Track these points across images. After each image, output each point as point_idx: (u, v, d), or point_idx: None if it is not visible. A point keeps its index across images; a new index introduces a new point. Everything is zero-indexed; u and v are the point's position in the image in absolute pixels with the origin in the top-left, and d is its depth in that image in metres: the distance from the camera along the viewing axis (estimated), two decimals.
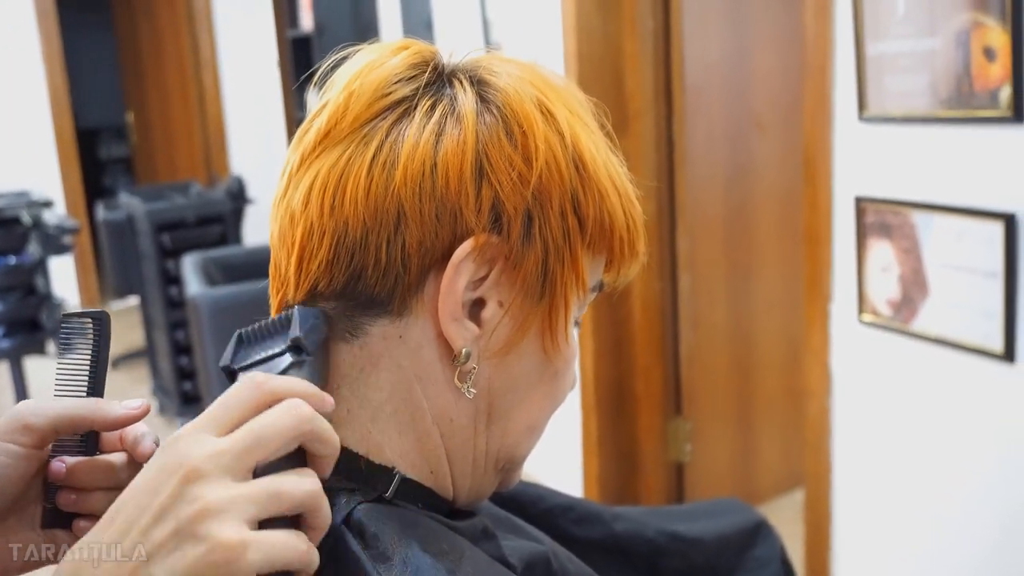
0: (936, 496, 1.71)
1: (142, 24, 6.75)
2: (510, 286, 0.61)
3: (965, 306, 1.56)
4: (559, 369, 0.66)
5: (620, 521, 0.86)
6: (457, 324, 0.60)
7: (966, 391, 1.61)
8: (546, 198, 0.61)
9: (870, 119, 1.67)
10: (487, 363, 0.63)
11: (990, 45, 1.44)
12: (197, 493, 0.49)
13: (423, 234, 0.59)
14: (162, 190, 4.66)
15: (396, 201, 0.59)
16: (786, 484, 3.03)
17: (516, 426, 0.66)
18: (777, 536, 0.98)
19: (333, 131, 0.61)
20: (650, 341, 2.58)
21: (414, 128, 0.60)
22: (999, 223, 1.48)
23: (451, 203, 0.59)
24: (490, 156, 0.60)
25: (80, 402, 0.61)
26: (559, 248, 0.61)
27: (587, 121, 0.65)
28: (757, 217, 2.86)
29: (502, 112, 0.61)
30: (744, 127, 2.78)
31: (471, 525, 0.66)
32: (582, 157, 0.62)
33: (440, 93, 0.62)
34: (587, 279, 0.64)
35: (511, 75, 0.63)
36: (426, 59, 0.64)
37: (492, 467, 0.67)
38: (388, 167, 0.59)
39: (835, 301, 1.84)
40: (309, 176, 0.61)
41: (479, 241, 0.59)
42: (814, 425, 1.94)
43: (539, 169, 0.60)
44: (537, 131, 0.61)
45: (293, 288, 0.62)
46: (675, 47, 2.46)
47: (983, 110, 1.47)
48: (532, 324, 0.63)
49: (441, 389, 0.63)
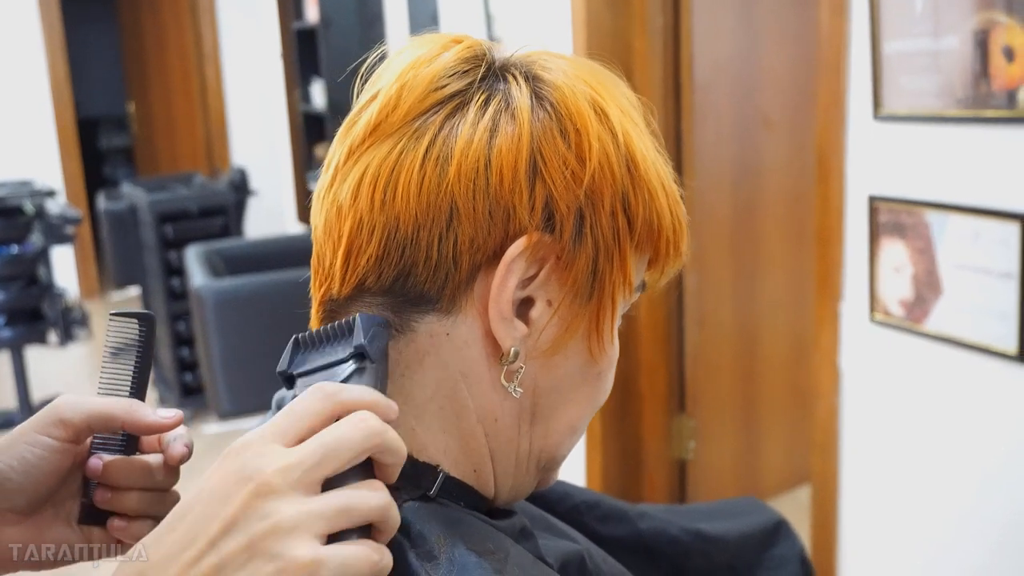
0: (945, 497, 1.71)
1: (145, 14, 6.75)
2: (560, 286, 0.61)
3: (979, 307, 1.56)
4: (603, 370, 0.66)
5: (645, 519, 0.85)
6: (506, 323, 0.60)
7: (978, 392, 1.61)
8: (598, 198, 0.60)
9: (885, 118, 1.66)
10: (533, 363, 0.62)
11: (1009, 45, 1.44)
12: (269, 509, 0.49)
13: (475, 231, 0.58)
14: (164, 181, 4.66)
15: (449, 197, 0.58)
16: (789, 482, 3.03)
17: (559, 426, 0.66)
18: (796, 536, 0.97)
19: (384, 124, 0.60)
20: (655, 339, 2.57)
21: (468, 123, 0.59)
22: (1015, 224, 1.47)
23: (504, 201, 0.58)
24: (544, 154, 0.59)
25: (116, 402, 0.61)
26: (609, 248, 0.61)
27: (636, 120, 0.64)
28: (764, 216, 2.86)
29: (556, 110, 0.60)
30: (752, 125, 2.78)
31: (511, 524, 0.65)
32: (633, 157, 0.62)
33: (494, 88, 0.61)
34: (633, 279, 0.64)
35: (564, 71, 0.63)
36: (478, 54, 0.63)
37: (534, 467, 0.67)
38: (441, 162, 0.58)
39: (846, 300, 1.83)
40: (358, 169, 0.60)
41: (532, 239, 0.58)
42: (823, 425, 1.93)
43: (592, 169, 0.59)
44: (591, 130, 0.60)
45: (339, 283, 0.61)
46: (684, 44, 2.45)
47: (1001, 110, 1.47)
48: (580, 325, 0.62)
49: (486, 388, 0.62)
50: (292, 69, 5.10)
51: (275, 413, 0.67)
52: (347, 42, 4.46)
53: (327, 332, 0.59)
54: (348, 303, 0.62)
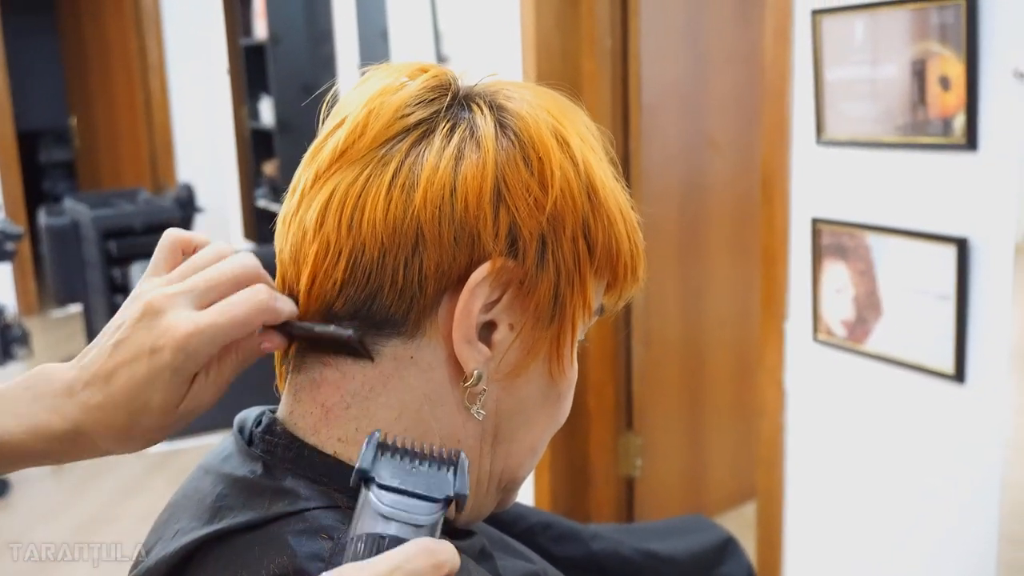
0: (886, 513, 1.75)
1: (87, 26, 6.63)
2: (522, 310, 0.62)
3: (917, 327, 1.61)
4: (563, 392, 0.68)
5: (597, 540, 0.86)
6: (470, 346, 0.61)
7: (917, 410, 1.65)
8: (560, 224, 0.61)
9: (827, 143, 1.71)
10: (496, 385, 0.64)
11: (945, 74, 1.49)
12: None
13: (441, 257, 0.59)
14: (108, 197, 4.59)
15: (415, 223, 0.59)
16: (735, 499, 3.06)
17: (521, 447, 0.67)
18: (744, 553, 1.00)
19: (351, 150, 0.61)
20: (602, 357, 2.60)
21: (433, 151, 0.60)
22: (952, 247, 1.52)
23: (469, 226, 0.59)
24: (508, 181, 0.60)
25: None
26: (570, 273, 0.62)
27: (596, 149, 0.66)
28: (710, 235, 2.90)
29: (520, 138, 0.62)
30: (699, 146, 2.83)
31: (470, 544, 0.66)
32: (594, 184, 0.63)
33: (459, 117, 0.62)
34: (593, 303, 0.65)
35: (527, 101, 0.64)
36: (444, 83, 0.64)
37: (495, 487, 0.68)
38: (407, 189, 0.59)
39: (790, 320, 1.87)
40: (324, 193, 0.61)
41: (496, 265, 0.60)
42: (767, 442, 1.97)
43: (555, 195, 0.61)
44: (553, 158, 0.61)
45: (303, 305, 0.62)
46: (632, 66, 2.49)
47: (937, 137, 1.52)
48: (541, 348, 0.64)
49: (450, 410, 0.63)
50: (240, 85, 5.07)
51: (236, 433, 0.68)
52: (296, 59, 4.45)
53: (424, 452, 0.56)
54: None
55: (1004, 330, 1.49)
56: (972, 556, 1.60)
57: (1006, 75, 1.42)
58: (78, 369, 0.60)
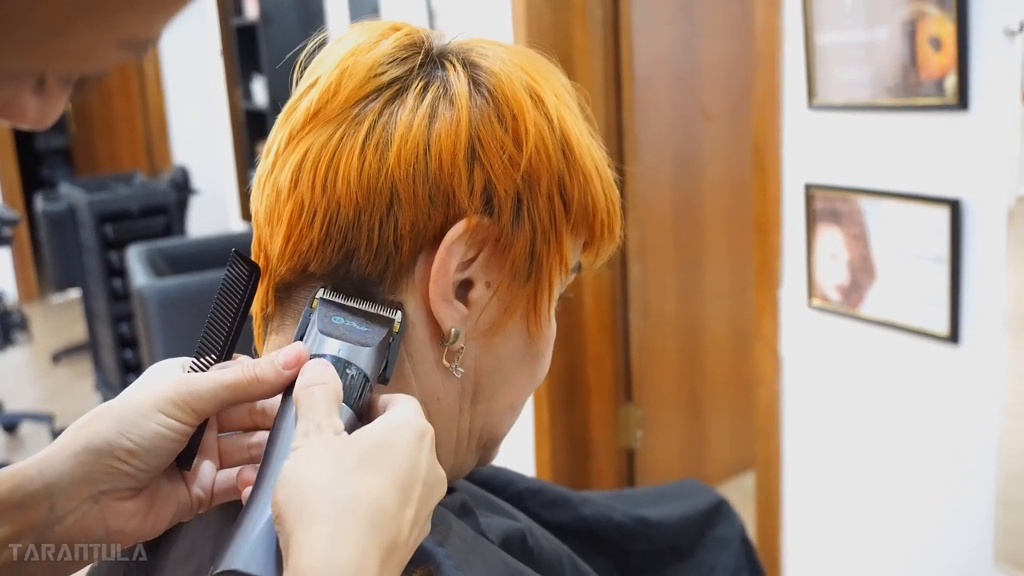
0: (884, 477, 1.75)
1: None
2: (499, 268, 0.62)
3: (911, 290, 1.60)
4: (540, 350, 0.68)
5: (587, 505, 0.87)
6: (447, 304, 0.61)
7: (912, 373, 1.65)
8: (535, 181, 0.61)
9: (819, 107, 1.70)
10: (474, 343, 0.64)
11: (935, 35, 1.48)
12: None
13: (416, 215, 0.59)
14: (104, 181, 4.58)
15: (390, 182, 0.59)
16: (735, 469, 3.07)
17: (500, 405, 0.67)
18: (737, 515, 1.00)
19: (323, 110, 0.61)
20: (601, 329, 2.60)
21: (407, 110, 0.60)
22: (945, 209, 1.51)
23: (444, 185, 0.59)
24: (482, 139, 0.60)
25: (237, 377, 0.59)
26: (546, 230, 0.62)
27: (571, 106, 0.66)
28: (705, 206, 2.90)
29: (493, 96, 0.61)
30: (692, 117, 2.81)
31: (451, 500, 0.67)
32: (568, 141, 0.63)
33: (432, 75, 0.62)
34: (570, 261, 0.66)
35: (501, 59, 0.64)
36: (416, 41, 0.64)
37: (475, 445, 0.68)
38: (381, 148, 0.59)
39: (785, 287, 1.87)
40: (298, 153, 0.61)
41: (471, 223, 0.60)
42: (764, 410, 1.97)
43: (529, 153, 0.61)
44: (527, 115, 0.61)
45: (278, 264, 0.62)
46: (624, 38, 2.48)
47: (929, 98, 1.51)
48: (518, 305, 0.64)
49: (429, 368, 0.63)
50: (233, 66, 5.04)
51: None
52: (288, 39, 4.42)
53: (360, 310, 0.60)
54: (291, 289, 0.63)
55: (998, 290, 1.49)
56: (969, 519, 1.61)
57: (996, 33, 1.41)
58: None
